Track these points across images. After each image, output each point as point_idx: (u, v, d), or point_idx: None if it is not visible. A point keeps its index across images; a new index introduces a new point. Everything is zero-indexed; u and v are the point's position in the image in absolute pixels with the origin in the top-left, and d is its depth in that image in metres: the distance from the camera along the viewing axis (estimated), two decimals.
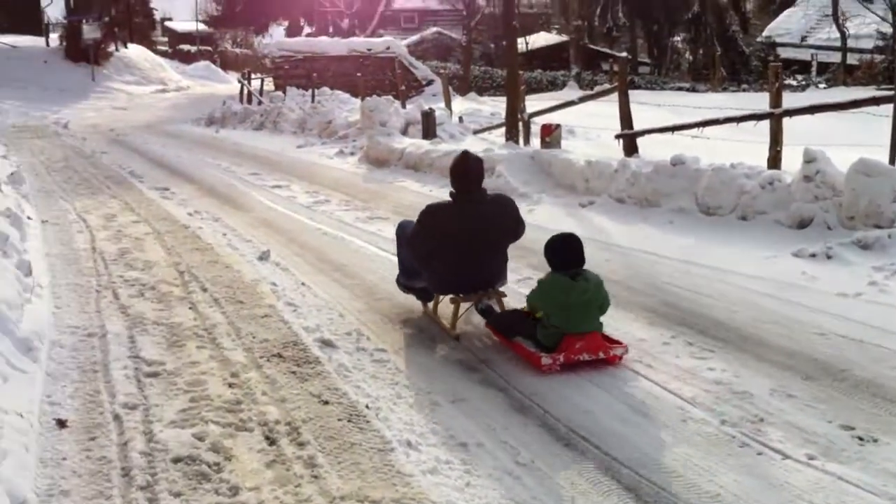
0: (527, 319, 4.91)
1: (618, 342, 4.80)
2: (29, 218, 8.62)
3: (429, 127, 15.06)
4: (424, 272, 5.49)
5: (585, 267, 4.85)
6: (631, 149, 11.39)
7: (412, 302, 5.84)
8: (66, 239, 8.13)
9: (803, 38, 36.63)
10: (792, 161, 8.17)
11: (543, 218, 8.78)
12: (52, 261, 7.23)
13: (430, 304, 5.65)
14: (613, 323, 5.16)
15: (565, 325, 4.67)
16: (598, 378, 4.51)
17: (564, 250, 4.85)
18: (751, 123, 9.61)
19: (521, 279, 6.31)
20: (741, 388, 4.32)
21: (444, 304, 5.46)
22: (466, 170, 5.40)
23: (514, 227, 5.50)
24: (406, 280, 5.78)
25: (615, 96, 11.78)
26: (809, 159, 7.42)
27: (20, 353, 4.56)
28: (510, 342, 4.94)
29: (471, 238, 5.26)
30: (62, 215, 9.35)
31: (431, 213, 5.40)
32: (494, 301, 5.42)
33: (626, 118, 11.62)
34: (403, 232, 5.77)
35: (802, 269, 6.35)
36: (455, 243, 5.28)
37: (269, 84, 30.81)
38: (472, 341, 5.14)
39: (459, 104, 22.01)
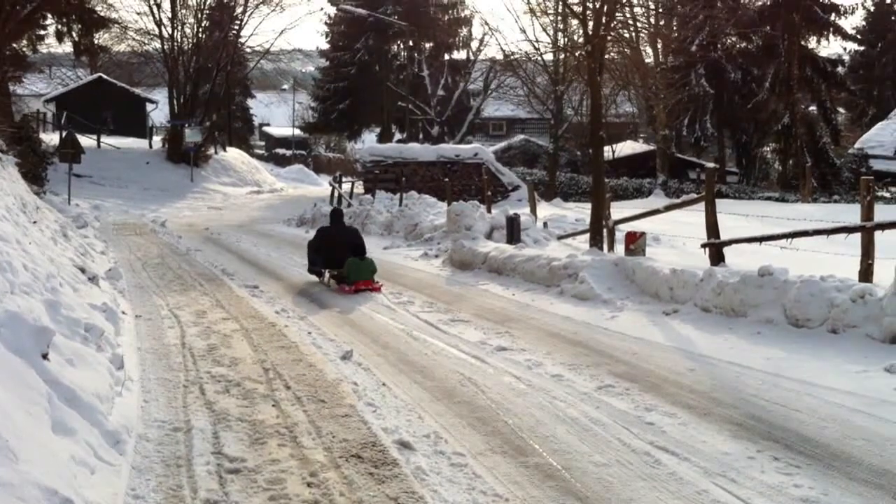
0: (343, 277, 11.27)
1: (377, 282, 11.25)
2: (123, 313, 8.93)
3: (513, 232, 15.20)
4: (317, 259, 12.02)
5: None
6: (717, 258, 11.25)
7: (492, 405, 5.87)
8: (157, 334, 8.37)
9: None
10: (884, 274, 7.99)
11: (626, 325, 8.71)
12: (144, 355, 7.45)
13: (322, 279, 11.97)
14: (692, 433, 5.05)
15: (356, 277, 11.12)
16: (680, 490, 4.41)
17: (358, 251, 11.59)
18: (841, 235, 9.40)
19: (601, 386, 6.28)
20: None
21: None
22: (335, 214, 13.14)
23: (356, 238, 12.23)
24: (310, 266, 12.31)
25: (702, 205, 11.71)
26: None
27: (108, 446, 4.69)
28: (339, 285, 11.25)
29: (336, 241, 11.85)
30: (155, 311, 9.63)
31: (321, 230, 12.91)
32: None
33: (712, 227, 11.50)
34: (310, 242, 12.52)
35: (894, 386, 6.13)
36: (329, 242, 11.96)
37: (359, 187, 31.59)
38: (550, 445, 5.09)
39: (544, 210, 22.19)
